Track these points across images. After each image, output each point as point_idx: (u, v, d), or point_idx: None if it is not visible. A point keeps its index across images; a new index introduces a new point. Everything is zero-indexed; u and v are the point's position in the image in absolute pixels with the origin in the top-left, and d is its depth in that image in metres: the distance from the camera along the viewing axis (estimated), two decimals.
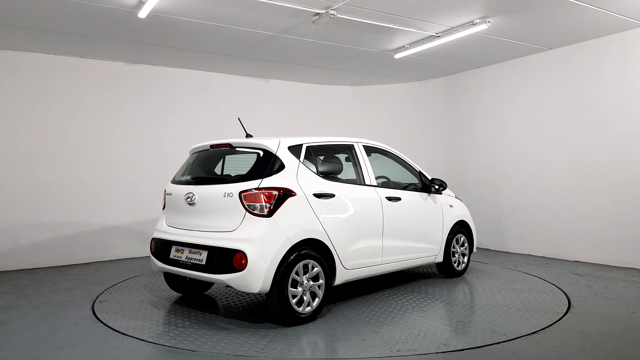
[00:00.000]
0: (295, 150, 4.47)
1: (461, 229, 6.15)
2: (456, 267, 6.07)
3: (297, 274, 4.12)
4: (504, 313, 4.51)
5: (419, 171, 5.75)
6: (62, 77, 7.21)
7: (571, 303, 4.74)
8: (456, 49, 7.14)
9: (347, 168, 5.05)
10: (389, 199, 5.12)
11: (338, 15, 5.61)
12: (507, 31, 6.41)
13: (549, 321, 4.23)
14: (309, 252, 4.20)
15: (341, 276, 4.53)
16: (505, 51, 7.38)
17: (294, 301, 4.10)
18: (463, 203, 6.36)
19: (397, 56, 7.37)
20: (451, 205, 6.03)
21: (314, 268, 4.24)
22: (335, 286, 4.58)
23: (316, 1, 5.28)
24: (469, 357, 3.40)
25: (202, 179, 4.73)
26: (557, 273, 6.17)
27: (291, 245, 4.06)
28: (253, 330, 4.02)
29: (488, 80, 8.30)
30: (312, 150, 4.65)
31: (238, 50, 7.13)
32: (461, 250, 6.16)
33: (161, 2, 5.18)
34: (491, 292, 5.30)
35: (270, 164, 4.26)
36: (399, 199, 5.25)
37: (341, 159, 5.13)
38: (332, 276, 4.45)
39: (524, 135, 7.73)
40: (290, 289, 4.06)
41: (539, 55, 7.46)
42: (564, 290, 5.27)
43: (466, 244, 6.24)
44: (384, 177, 5.53)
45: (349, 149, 5.12)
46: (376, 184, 5.11)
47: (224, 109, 8.54)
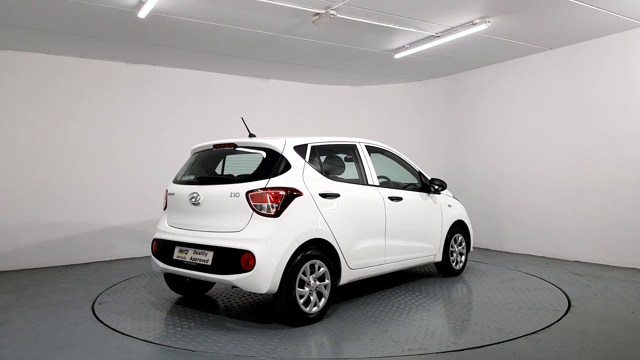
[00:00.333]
0: (300, 150, 4.46)
1: (459, 228, 6.19)
2: (454, 267, 6.10)
3: (304, 274, 4.11)
4: (506, 311, 4.54)
5: (418, 171, 5.78)
6: (62, 77, 7.21)
7: (571, 303, 4.74)
8: (456, 49, 7.14)
9: (349, 168, 5.06)
10: (391, 198, 5.13)
11: (338, 15, 5.61)
12: (507, 31, 6.41)
13: (550, 319, 4.25)
14: (316, 252, 4.19)
15: (346, 276, 4.53)
16: (505, 51, 7.38)
17: (301, 301, 4.09)
18: (460, 203, 6.39)
19: (397, 56, 7.37)
20: (450, 205, 6.07)
21: (320, 268, 4.23)
22: (339, 286, 4.57)
23: (316, 1, 5.28)
24: (469, 357, 3.40)
25: (207, 179, 4.70)
26: (557, 273, 6.17)
27: (298, 245, 4.05)
28: (260, 331, 4.00)
29: (488, 80, 8.30)
30: (316, 150, 4.64)
31: (238, 50, 7.13)
32: (459, 249, 6.20)
33: (161, 2, 5.18)
34: (491, 291, 5.31)
35: (276, 163, 4.24)
36: (401, 198, 5.27)
37: (341, 158, 5.14)
38: (337, 276, 4.44)
39: (524, 135, 7.73)
40: (297, 289, 4.05)
41: (539, 55, 7.46)
42: (564, 290, 5.27)
43: (464, 244, 6.28)
44: (384, 177, 5.54)
45: (351, 149, 5.12)
46: (378, 184, 5.12)
47: (224, 109, 8.54)
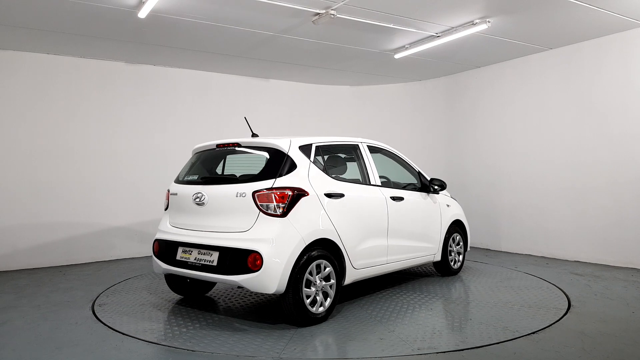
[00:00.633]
0: (305, 149, 4.45)
1: (457, 228, 6.24)
2: (453, 266, 6.14)
3: (311, 274, 4.10)
4: (508, 310, 4.57)
5: (418, 171, 5.80)
6: (62, 77, 7.21)
7: (571, 303, 4.74)
8: (456, 49, 7.14)
9: (352, 168, 5.07)
10: (393, 198, 5.15)
11: (338, 15, 5.61)
12: (507, 31, 6.40)
13: (553, 317, 4.29)
14: (321, 252, 4.19)
15: (350, 276, 4.53)
16: (505, 51, 7.38)
17: (307, 301, 4.08)
18: (457, 202, 6.43)
19: (397, 56, 7.37)
20: (448, 205, 6.11)
21: (325, 268, 4.23)
22: (343, 286, 4.57)
23: (316, 1, 5.28)
24: (469, 357, 3.40)
25: (212, 179, 4.67)
26: (557, 273, 6.17)
27: (305, 245, 4.04)
28: (267, 332, 3.98)
29: (488, 80, 8.30)
30: (320, 150, 4.64)
31: (238, 50, 7.13)
32: (457, 249, 6.25)
33: (161, 2, 5.18)
34: (491, 290, 5.33)
35: (282, 163, 4.22)
36: (402, 198, 5.29)
37: (344, 158, 5.16)
38: (342, 276, 4.44)
39: (524, 135, 7.73)
40: (304, 289, 4.05)
41: (539, 55, 7.46)
42: (564, 290, 5.27)
43: (461, 243, 6.33)
44: (384, 177, 5.55)
45: (354, 149, 5.13)
46: (380, 184, 5.13)
47: (224, 109, 8.54)
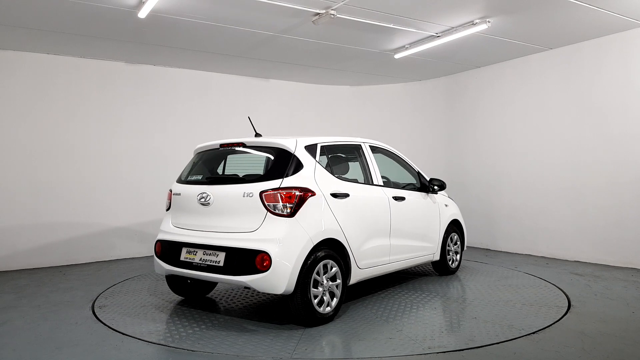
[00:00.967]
0: (310, 149, 4.44)
1: (454, 227, 6.27)
2: (451, 265, 6.18)
3: (318, 274, 4.10)
4: (510, 308, 4.60)
5: (417, 171, 5.83)
6: (62, 77, 7.21)
7: (571, 303, 4.75)
8: (456, 49, 7.14)
9: (355, 168, 5.08)
10: (395, 198, 5.18)
11: (338, 15, 5.61)
12: (507, 31, 6.40)
13: (555, 315, 4.34)
14: (328, 252, 4.18)
15: (355, 276, 4.54)
16: (505, 51, 7.38)
17: (315, 302, 4.08)
18: (454, 202, 6.47)
19: (397, 56, 7.37)
20: (446, 205, 6.16)
21: (332, 268, 4.23)
22: (348, 286, 4.57)
23: (316, 1, 5.28)
24: (469, 357, 3.41)
25: (217, 179, 4.64)
26: (557, 273, 6.17)
27: (313, 245, 4.04)
28: (276, 332, 3.97)
29: (488, 80, 8.30)
30: (325, 150, 4.64)
31: (238, 50, 7.13)
32: (455, 248, 6.29)
33: (161, 2, 5.18)
34: (491, 289, 5.34)
35: (289, 163, 4.21)
36: (404, 198, 5.32)
37: (347, 158, 5.18)
38: (347, 276, 4.44)
39: (524, 135, 7.72)
40: (312, 289, 4.04)
41: (539, 55, 7.46)
42: (564, 290, 5.27)
43: (459, 243, 6.38)
44: (385, 177, 5.55)
45: (356, 149, 5.14)
46: (383, 184, 5.14)
47: (224, 109, 8.54)
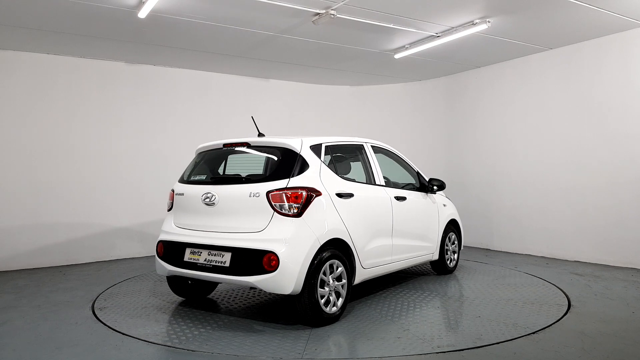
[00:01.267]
0: (315, 149, 4.44)
1: (452, 227, 6.30)
2: (449, 265, 6.22)
3: (324, 274, 4.10)
4: (512, 307, 4.64)
5: (416, 171, 5.86)
6: (62, 77, 7.21)
7: (571, 303, 4.75)
8: (456, 49, 7.14)
9: (357, 168, 5.08)
10: (397, 198, 5.19)
11: (338, 15, 5.61)
12: (507, 31, 6.40)
13: (557, 313, 4.37)
14: (334, 252, 4.19)
15: (360, 275, 4.54)
16: (505, 51, 7.38)
17: (322, 301, 4.07)
18: (452, 202, 6.50)
19: (397, 56, 7.37)
20: (444, 205, 6.19)
21: (338, 268, 4.23)
22: (353, 286, 4.56)
23: (316, 1, 5.28)
24: (469, 357, 3.40)
25: (222, 179, 4.62)
26: (557, 273, 6.17)
27: (320, 245, 4.04)
28: (283, 332, 3.96)
29: (488, 80, 8.29)
30: (329, 150, 4.64)
31: (238, 50, 7.13)
32: (452, 248, 6.32)
33: (161, 2, 5.18)
34: (490, 288, 5.36)
35: (295, 163, 4.20)
36: (405, 198, 5.33)
37: (350, 158, 5.19)
38: (352, 276, 4.44)
39: (524, 135, 7.72)
40: (319, 289, 4.03)
41: (539, 55, 7.46)
42: (564, 290, 5.27)
43: (456, 242, 6.41)
44: (385, 177, 5.56)
45: (359, 149, 5.15)
46: (384, 184, 5.15)
47: (224, 109, 8.54)
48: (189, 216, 4.51)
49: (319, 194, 4.16)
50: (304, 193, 4.05)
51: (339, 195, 4.38)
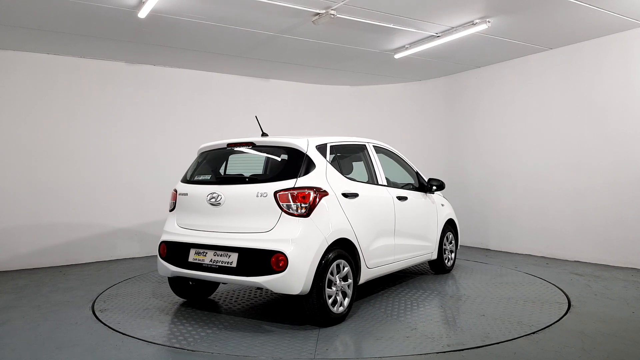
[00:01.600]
0: (321, 149, 4.43)
1: (449, 226, 6.33)
2: (447, 264, 6.25)
3: (332, 273, 4.10)
4: (514, 305, 4.66)
5: (416, 171, 5.88)
6: (62, 77, 7.21)
7: (571, 303, 4.75)
8: (456, 49, 7.14)
9: (360, 168, 5.09)
10: (399, 198, 5.21)
11: (338, 15, 5.61)
12: (507, 31, 6.40)
13: (559, 311, 4.40)
14: (341, 252, 4.19)
15: (364, 275, 4.55)
16: (505, 51, 7.38)
17: (329, 301, 4.07)
18: (448, 202, 6.53)
19: (397, 56, 7.37)
20: (442, 205, 6.22)
21: (344, 268, 4.23)
22: (358, 285, 4.56)
23: (316, 1, 5.28)
24: (469, 357, 3.41)
25: (228, 179, 4.60)
26: (557, 273, 6.17)
27: (328, 245, 4.03)
28: (291, 332, 3.95)
29: (488, 80, 8.30)
30: (334, 150, 4.64)
31: (238, 50, 7.13)
32: (450, 247, 6.36)
33: (161, 2, 5.18)
34: (490, 287, 5.38)
35: (302, 163, 4.19)
36: (406, 198, 5.35)
37: (353, 158, 5.20)
38: (357, 275, 4.44)
39: (524, 135, 7.72)
40: (326, 289, 4.03)
41: (539, 55, 7.46)
42: (564, 290, 5.27)
43: (453, 242, 6.44)
44: (385, 177, 5.57)
45: (362, 149, 5.16)
46: (387, 184, 5.17)
47: (224, 109, 8.54)
48: (193, 216, 4.47)
49: (326, 194, 4.16)
50: (311, 193, 4.04)
51: (345, 195, 4.38)
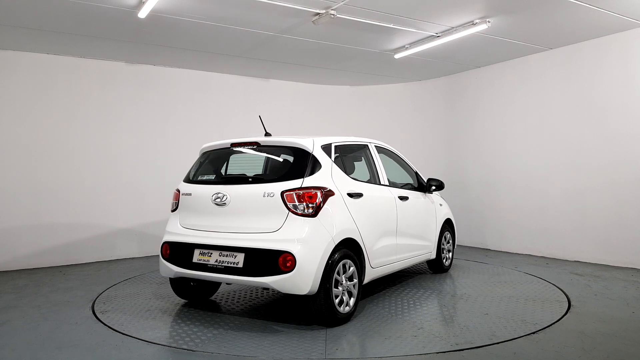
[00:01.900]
0: (326, 149, 4.43)
1: (447, 226, 6.35)
2: (444, 263, 6.27)
3: (338, 273, 4.09)
4: (516, 304, 4.69)
5: (415, 171, 5.90)
6: (62, 77, 7.21)
7: (571, 303, 4.75)
8: (456, 49, 7.14)
9: (363, 168, 5.10)
10: (400, 198, 5.22)
11: (338, 15, 5.61)
12: (507, 31, 6.40)
13: (560, 310, 4.44)
14: (346, 252, 4.19)
15: (368, 275, 4.56)
16: (505, 51, 7.38)
17: (336, 301, 4.07)
18: (445, 202, 6.55)
19: (397, 56, 7.37)
20: (440, 204, 6.25)
21: (350, 267, 4.23)
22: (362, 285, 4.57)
23: (316, 1, 5.28)
24: (469, 357, 3.41)
25: (233, 179, 4.57)
26: (557, 273, 6.17)
27: (335, 245, 4.03)
28: (298, 333, 3.94)
29: (488, 80, 8.29)
30: (338, 150, 4.64)
31: (238, 50, 7.13)
32: (447, 247, 6.38)
33: (161, 2, 5.18)
34: (489, 286, 5.39)
35: (308, 163, 4.19)
36: (407, 198, 5.36)
37: (355, 158, 5.21)
38: (362, 275, 4.44)
39: (524, 135, 7.72)
40: (333, 289, 4.03)
41: (539, 55, 7.46)
42: (564, 290, 5.27)
43: (450, 241, 6.46)
44: None
45: (364, 149, 5.17)
46: (388, 184, 5.17)
47: (224, 109, 8.54)
48: (197, 216, 4.42)
49: (332, 194, 4.16)
50: (318, 193, 4.04)
51: (350, 195, 4.38)
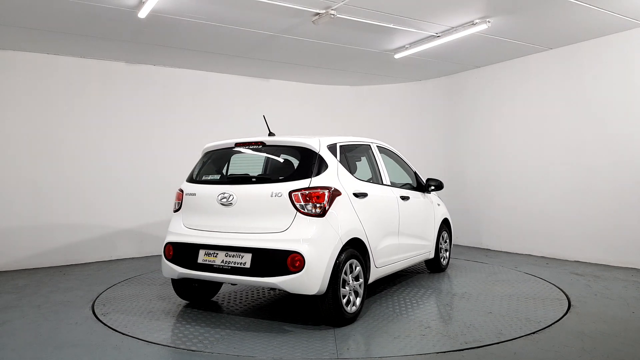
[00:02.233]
0: (332, 149, 4.43)
1: (444, 226, 6.38)
2: (442, 263, 6.31)
3: (345, 273, 4.09)
4: (517, 302, 4.71)
5: (414, 171, 5.93)
6: (62, 77, 7.20)
7: (571, 303, 4.75)
8: (456, 49, 7.14)
9: (365, 167, 5.10)
10: (402, 198, 5.23)
11: (338, 15, 5.61)
12: (507, 31, 6.40)
13: (561, 308, 4.46)
14: (353, 252, 4.19)
15: (373, 274, 4.56)
16: (505, 51, 7.38)
17: (344, 301, 4.07)
18: (442, 201, 6.58)
19: (397, 56, 7.37)
20: (438, 204, 6.28)
21: (356, 267, 4.24)
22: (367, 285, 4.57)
23: (316, 1, 5.28)
24: (469, 357, 3.41)
25: (239, 179, 4.55)
26: (557, 273, 6.17)
27: (342, 245, 4.04)
28: (307, 333, 3.93)
29: (488, 80, 8.29)
30: (343, 150, 4.63)
31: (238, 50, 7.13)
32: (445, 246, 6.41)
33: (161, 2, 5.18)
34: (488, 285, 5.41)
35: (315, 163, 4.18)
36: (408, 198, 5.38)
37: (359, 158, 5.23)
38: (367, 275, 4.45)
39: (524, 135, 7.72)
40: (340, 288, 4.03)
41: (538, 55, 7.46)
42: (564, 290, 5.27)
43: (448, 241, 6.50)
44: None
45: (367, 149, 5.18)
46: (390, 184, 5.18)
47: (224, 109, 8.54)
48: (201, 217, 4.38)
49: (339, 193, 4.17)
50: (326, 193, 4.04)
51: (355, 195, 4.39)
